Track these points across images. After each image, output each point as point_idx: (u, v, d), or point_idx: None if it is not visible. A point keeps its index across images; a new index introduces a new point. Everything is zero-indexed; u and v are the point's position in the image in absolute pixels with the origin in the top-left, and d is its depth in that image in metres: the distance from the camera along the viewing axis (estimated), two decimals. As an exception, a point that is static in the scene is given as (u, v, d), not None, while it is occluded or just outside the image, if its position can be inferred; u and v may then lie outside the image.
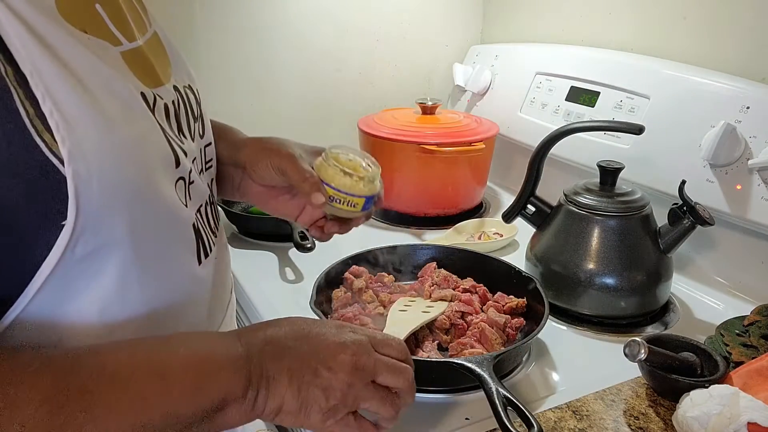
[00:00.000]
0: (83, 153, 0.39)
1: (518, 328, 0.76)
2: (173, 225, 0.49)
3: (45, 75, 0.38)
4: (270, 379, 0.46)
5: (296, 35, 1.34)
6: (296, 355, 0.48)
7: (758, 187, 0.84)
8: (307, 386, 0.47)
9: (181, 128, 0.54)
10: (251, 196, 0.72)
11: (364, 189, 0.67)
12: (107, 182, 0.41)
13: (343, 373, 0.48)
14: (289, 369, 0.47)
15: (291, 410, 0.47)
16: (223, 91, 1.30)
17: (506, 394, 0.58)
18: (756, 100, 0.86)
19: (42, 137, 0.38)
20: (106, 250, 0.42)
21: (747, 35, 0.94)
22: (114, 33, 0.48)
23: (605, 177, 0.86)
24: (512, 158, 1.32)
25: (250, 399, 0.45)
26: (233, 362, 0.45)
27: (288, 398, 0.46)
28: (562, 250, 0.84)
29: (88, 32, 0.44)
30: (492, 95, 1.37)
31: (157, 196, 0.46)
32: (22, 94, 0.37)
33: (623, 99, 1.05)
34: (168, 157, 0.49)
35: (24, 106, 0.37)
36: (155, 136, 0.47)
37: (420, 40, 1.50)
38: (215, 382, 0.44)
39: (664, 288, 0.84)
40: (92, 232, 0.41)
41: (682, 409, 0.60)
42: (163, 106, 0.51)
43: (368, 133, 1.15)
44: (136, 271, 0.45)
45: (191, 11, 1.23)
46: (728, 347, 0.71)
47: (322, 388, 0.47)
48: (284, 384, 0.46)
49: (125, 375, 0.40)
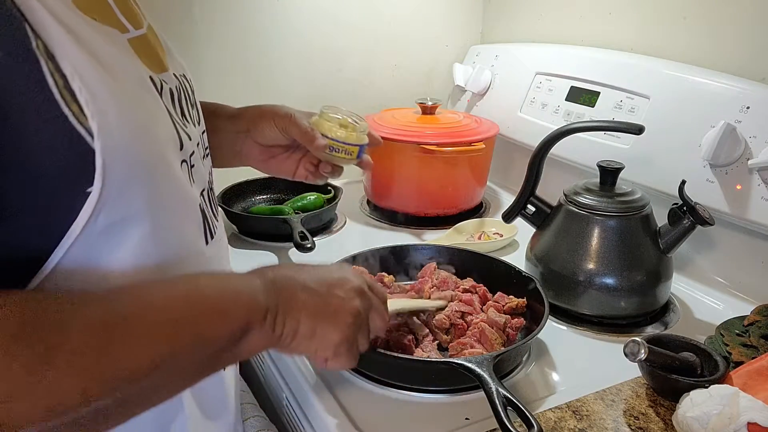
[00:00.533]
0: (109, 128, 0.41)
1: (518, 328, 0.76)
2: (184, 202, 0.52)
3: (70, 54, 0.40)
4: (286, 304, 0.51)
5: (296, 35, 1.34)
6: (308, 286, 0.54)
7: (758, 187, 0.84)
8: (320, 310, 0.53)
9: (184, 113, 0.57)
10: (252, 157, 0.83)
11: (358, 138, 0.79)
12: (129, 157, 0.43)
13: (351, 300, 0.55)
14: (302, 295, 0.53)
15: (306, 333, 0.52)
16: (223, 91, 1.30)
17: (506, 394, 0.58)
18: (756, 100, 0.86)
19: (70, 108, 0.40)
20: (126, 223, 0.45)
21: (747, 35, 0.94)
22: (121, 20, 0.50)
23: (605, 177, 0.86)
24: (512, 158, 1.32)
25: (270, 322, 0.50)
26: (253, 291, 0.50)
27: (303, 320, 0.52)
28: (562, 250, 0.84)
29: (98, 19, 0.46)
30: (492, 95, 1.37)
31: (169, 173, 0.49)
32: (52, 66, 0.39)
33: (623, 99, 1.05)
34: (174, 139, 0.51)
35: (54, 78, 0.39)
36: (164, 118, 0.50)
37: (420, 40, 1.50)
38: (239, 308, 0.48)
39: (664, 288, 0.84)
40: (114, 203, 0.43)
41: (682, 409, 0.60)
42: (168, 91, 0.53)
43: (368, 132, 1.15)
44: (152, 246, 0.47)
45: (190, 11, 1.23)
46: (728, 347, 0.71)
47: (333, 312, 0.54)
48: (299, 307, 0.52)
49: (159, 304, 0.44)
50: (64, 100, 0.39)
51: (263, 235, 1.09)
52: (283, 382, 0.77)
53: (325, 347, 0.54)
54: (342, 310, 0.55)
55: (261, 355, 0.85)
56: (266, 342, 0.51)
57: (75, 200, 0.41)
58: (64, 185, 0.41)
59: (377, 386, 0.69)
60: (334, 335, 0.54)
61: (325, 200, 1.18)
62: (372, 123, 1.19)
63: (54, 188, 0.40)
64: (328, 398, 0.67)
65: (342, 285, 0.56)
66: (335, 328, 0.54)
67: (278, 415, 0.80)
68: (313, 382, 0.71)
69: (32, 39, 0.38)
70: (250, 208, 1.20)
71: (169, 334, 0.43)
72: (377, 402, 0.67)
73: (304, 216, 1.07)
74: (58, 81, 0.39)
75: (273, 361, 0.81)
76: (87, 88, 0.40)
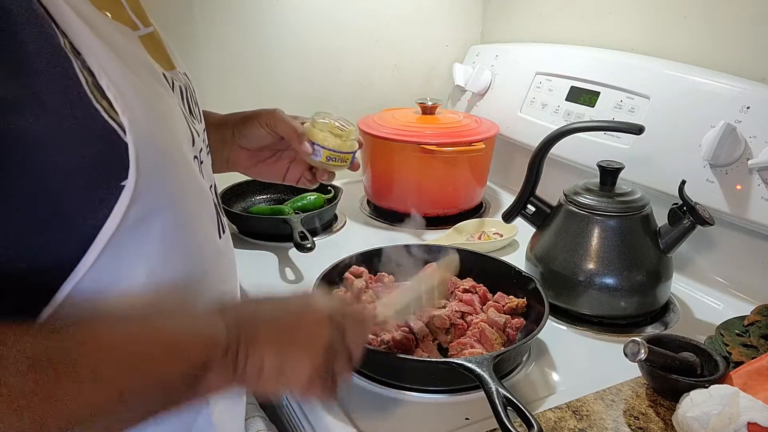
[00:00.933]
0: (138, 122, 0.42)
1: (518, 328, 0.76)
2: (200, 196, 0.52)
3: (95, 50, 0.41)
4: (248, 339, 0.47)
5: (295, 35, 1.34)
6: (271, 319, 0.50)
7: (758, 187, 0.84)
8: (286, 343, 0.49)
9: (192, 111, 0.57)
10: (240, 164, 0.82)
11: (350, 146, 0.80)
12: (155, 150, 0.44)
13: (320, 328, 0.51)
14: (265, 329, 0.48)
15: (272, 369, 0.47)
16: (222, 91, 1.30)
17: (506, 394, 0.58)
18: (756, 100, 0.86)
19: (101, 104, 0.40)
20: (153, 215, 0.45)
21: (747, 35, 0.94)
22: (131, 17, 0.50)
23: (605, 177, 0.86)
24: (512, 158, 1.32)
25: (231, 359, 0.45)
26: (213, 328, 0.46)
27: (268, 356, 0.47)
28: (562, 250, 0.84)
29: (111, 16, 0.47)
30: (492, 95, 1.37)
31: (188, 167, 0.49)
32: (80, 63, 0.40)
33: (623, 99, 1.05)
34: (188, 135, 0.52)
35: (83, 74, 0.40)
36: (179, 114, 0.51)
37: (420, 40, 1.50)
38: (197, 345, 0.44)
39: (664, 288, 0.84)
40: (145, 196, 0.43)
41: (682, 409, 0.60)
42: (178, 89, 0.54)
43: (368, 133, 1.15)
44: (176, 237, 0.48)
45: (190, 12, 1.23)
46: (728, 347, 0.71)
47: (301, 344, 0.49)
48: (262, 342, 0.47)
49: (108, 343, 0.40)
50: (94, 97, 0.40)
51: (263, 235, 1.09)
52: (283, 382, 0.77)
53: (295, 382, 0.49)
54: (310, 341, 0.50)
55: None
56: (228, 380, 0.46)
57: (109, 194, 0.41)
58: (99, 180, 0.41)
59: (377, 386, 0.69)
60: (304, 368, 0.49)
61: (325, 200, 1.19)
62: (372, 123, 1.19)
63: (89, 184, 0.41)
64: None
65: (309, 315, 0.52)
66: (304, 361, 0.49)
67: (278, 415, 0.80)
68: (313, 382, 0.71)
69: (60, 37, 0.39)
70: (250, 208, 1.20)
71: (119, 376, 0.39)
72: (377, 402, 0.67)
73: (304, 216, 1.07)
74: (88, 78, 0.40)
75: (273, 361, 0.81)
76: (114, 84, 0.41)
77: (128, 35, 0.48)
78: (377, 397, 0.68)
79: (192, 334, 0.45)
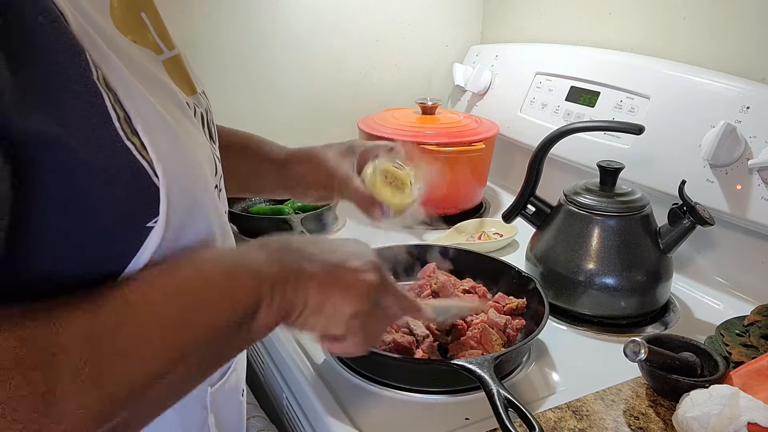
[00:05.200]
0: (165, 159, 0.40)
1: (518, 328, 0.76)
2: (223, 229, 0.50)
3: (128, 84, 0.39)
4: (293, 275, 0.47)
5: (296, 36, 1.34)
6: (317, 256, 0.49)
7: (758, 187, 0.84)
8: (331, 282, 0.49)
9: (212, 135, 0.55)
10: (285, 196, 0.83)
11: (412, 198, 0.75)
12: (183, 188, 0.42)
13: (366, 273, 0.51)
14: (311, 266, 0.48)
15: (315, 306, 0.48)
16: (223, 92, 1.30)
17: (507, 395, 0.58)
18: (756, 100, 0.86)
19: (131, 140, 0.38)
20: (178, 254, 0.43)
21: (747, 35, 0.94)
22: (156, 40, 0.48)
23: (605, 177, 0.86)
24: (512, 158, 1.32)
25: (279, 293, 0.46)
26: (258, 264, 0.46)
27: (312, 292, 0.47)
28: (562, 250, 0.84)
29: (137, 42, 0.45)
30: (492, 95, 1.37)
31: (214, 203, 0.48)
32: (112, 98, 0.38)
33: (623, 99, 1.05)
34: (212, 164, 0.50)
35: (115, 110, 0.38)
36: (204, 145, 0.49)
37: (420, 40, 1.50)
38: (244, 287, 0.44)
39: (664, 288, 0.84)
40: (173, 235, 0.41)
41: (682, 409, 0.60)
42: (200, 115, 0.52)
43: (368, 133, 1.15)
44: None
45: (190, 12, 1.23)
46: (728, 347, 0.71)
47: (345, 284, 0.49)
48: (306, 278, 0.47)
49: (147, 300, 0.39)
50: (124, 133, 0.38)
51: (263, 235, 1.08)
52: (283, 382, 0.77)
53: (335, 323, 0.49)
54: (355, 283, 0.50)
55: (261, 355, 0.86)
56: (276, 317, 0.46)
57: (138, 235, 0.40)
58: (126, 220, 0.39)
59: (377, 386, 0.69)
60: (346, 308, 0.49)
61: (325, 200, 1.18)
62: (372, 123, 1.19)
63: (115, 224, 0.39)
64: (328, 398, 0.67)
65: (356, 258, 0.51)
66: (347, 301, 0.49)
67: (278, 415, 0.80)
68: (313, 382, 0.71)
69: (93, 70, 0.37)
70: (250, 208, 1.20)
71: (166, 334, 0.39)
72: (377, 402, 0.67)
73: (304, 216, 1.08)
74: (119, 113, 0.38)
75: (273, 361, 0.81)
76: (142, 118, 0.39)
77: (152, 60, 0.47)
78: (377, 398, 0.68)
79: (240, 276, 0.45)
